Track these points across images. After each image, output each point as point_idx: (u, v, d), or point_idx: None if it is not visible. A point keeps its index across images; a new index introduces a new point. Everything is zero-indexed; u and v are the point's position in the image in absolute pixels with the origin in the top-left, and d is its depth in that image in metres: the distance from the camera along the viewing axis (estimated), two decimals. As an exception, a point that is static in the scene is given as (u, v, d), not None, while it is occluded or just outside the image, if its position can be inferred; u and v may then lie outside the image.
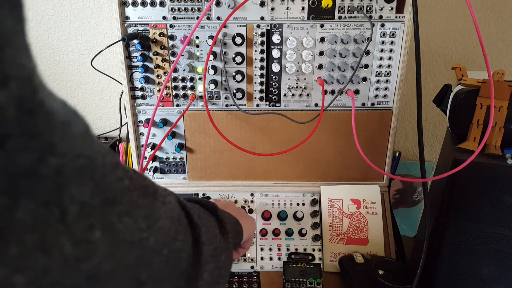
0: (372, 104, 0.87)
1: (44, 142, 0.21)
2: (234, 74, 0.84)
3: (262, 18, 0.80)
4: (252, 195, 0.92)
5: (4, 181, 0.19)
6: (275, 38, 0.81)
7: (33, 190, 0.20)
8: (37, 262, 0.20)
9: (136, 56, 0.82)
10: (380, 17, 0.80)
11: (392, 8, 0.79)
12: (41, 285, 0.21)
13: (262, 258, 0.87)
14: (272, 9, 0.79)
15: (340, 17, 0.80)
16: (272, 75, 0.85)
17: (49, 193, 0.21)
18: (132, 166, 0.94)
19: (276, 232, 0.88)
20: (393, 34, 0.81)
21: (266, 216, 0.90)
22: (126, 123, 0.90)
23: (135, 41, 0.80)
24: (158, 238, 0.30)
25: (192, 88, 0.86)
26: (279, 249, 0.88)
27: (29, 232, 0.20)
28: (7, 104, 0.18)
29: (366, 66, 0.84)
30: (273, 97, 0.87)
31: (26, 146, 0.20)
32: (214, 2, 0.78)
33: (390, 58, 0.83)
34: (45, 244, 0.20)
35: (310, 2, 0.78)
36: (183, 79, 0.85)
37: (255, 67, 0.84)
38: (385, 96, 0.86)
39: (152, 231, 0.29)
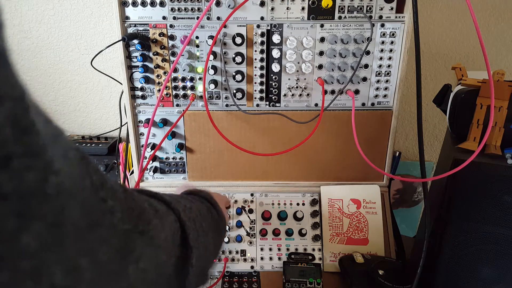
0: (372, 104, 0.87)
1: (43, 160, 0.20)
2: (234, 74, 0.84)
3: (262, 18, 0.80)
4: (252, 195, 0.92)
5: (15, 203, 0.18)
6: (275, 38, 0.81)
7: (43, 211, 0.20)
8: None
9: (136, 56, 0.82)
10: (380, 17, 0.80)
11: (392, 8, 0.79)
12: None
13: (262, 258, 0.87)
14: (272, 9, 0.79)
15: (340, 17, 0.80)
16: (272, 75, 0.85)
17: (55, 214, 0.20)
18: (132, 166, 0.94)
19: (276, 232, 0.88)
20: (393, 34, 0.81)
21: (266, 216, 0.89)
22: (126, 123, 0.90)
23: (135, 41, 0.80)
24: (140, 266, 0.29)
25: (192, 88, 0.86)
26: (279, 249, 0.88)
27: (27, 258, 0.19)
28: (3, 123, 0.18)
29: (366, 66, 0.83)
30: (273, 97, 0.87)
31: (30, 166, 0.19)
32: (214, 2, 0.78)
33: (390, 58, 0.83)
34: (38, 271, 0.19)
35: (310, 2, 0.78)
36: (183, 79, 0.85)
37: (255, 67, 0.84)
38: (385, 96, 0.86)
39: (127, 263, 0.28)
